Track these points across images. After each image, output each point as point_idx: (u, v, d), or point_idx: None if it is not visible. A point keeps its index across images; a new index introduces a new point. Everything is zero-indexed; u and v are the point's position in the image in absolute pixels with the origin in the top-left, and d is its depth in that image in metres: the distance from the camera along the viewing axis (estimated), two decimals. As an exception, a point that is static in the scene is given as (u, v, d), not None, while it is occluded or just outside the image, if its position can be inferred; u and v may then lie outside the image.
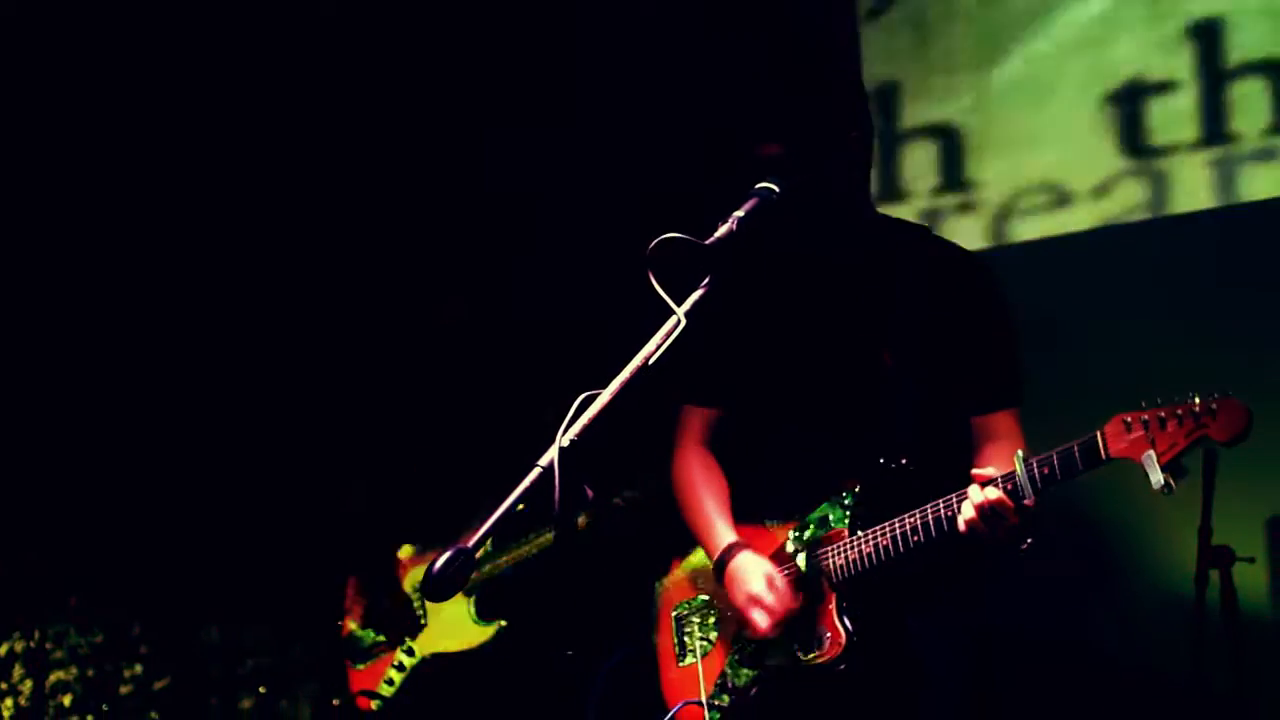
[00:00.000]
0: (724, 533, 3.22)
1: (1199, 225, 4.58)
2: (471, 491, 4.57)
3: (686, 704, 3.14)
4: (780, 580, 3.09)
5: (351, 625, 4.69)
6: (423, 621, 4.55)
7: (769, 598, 3.07)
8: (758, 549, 3.18)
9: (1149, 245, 4.65)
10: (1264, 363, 4.17)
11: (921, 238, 3.27)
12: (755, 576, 3.10)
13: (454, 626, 4.51)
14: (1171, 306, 4.51)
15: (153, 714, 5.32)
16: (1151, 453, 2.69)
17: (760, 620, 3.07)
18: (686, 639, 3.28)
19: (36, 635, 5.24)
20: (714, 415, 3.38)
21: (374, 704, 4.52)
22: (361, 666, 4.64)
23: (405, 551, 4.70)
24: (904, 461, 3.04)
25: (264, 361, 5.47)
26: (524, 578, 4.36)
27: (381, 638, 4.60)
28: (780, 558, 3.17)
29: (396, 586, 4.64)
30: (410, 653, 4.55)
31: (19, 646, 5.39)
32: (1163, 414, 2.71)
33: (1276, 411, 2.88)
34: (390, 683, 4.54)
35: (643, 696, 3.31)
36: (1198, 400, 2.69)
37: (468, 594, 4.50)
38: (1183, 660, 3.96)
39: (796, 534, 3.17)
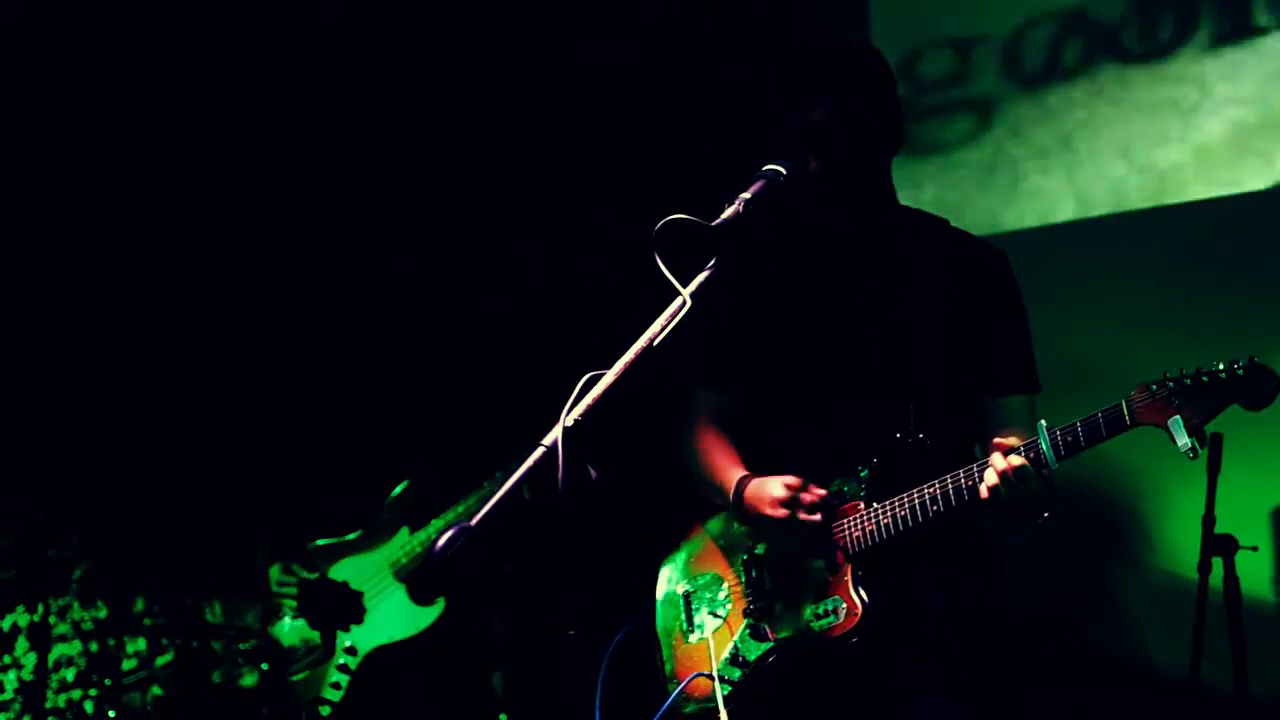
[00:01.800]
0: (737, 470, 3.22)
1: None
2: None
3: (697, 676, 3.14)
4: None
5: (276, 625, 4.54)
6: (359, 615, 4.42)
7: (785, 495, 3.05)
8: None
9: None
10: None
11: (939, 226, 3.28)
12: (774, 486, 3.08)
13: (394, 614, 4.39)
14: (1193, 290, 4.52)
15: (155, 689, 5.32)
16: (1178, 417, 2.69)
17: (777, 512, 3.06)
18: (695, 614, 3.29)
19: (40, 609, 5.24)
20: (726, 399, 3.37)
21: (323, 710, 4.38)
22: (299, 677, 4.49)
23: (317, 545, 4.58)
24: (921, 436, 3.04)
25: (271, 343, 5.47)
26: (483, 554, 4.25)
27: (314, 639, 4.44)
28: None
29: (324, 574, 4.48)
30: (352, 651, 4.39)
31: (22, 620, 5.40)
32: (1188, 380, 2.71)
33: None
34: (337, 686, 4.38)
35: (649, 672, 3.30)
36: (1223, 366, 2.70)
37: (401, 579, 4.40)
38: (1184, 647, 3.96)
39: None
